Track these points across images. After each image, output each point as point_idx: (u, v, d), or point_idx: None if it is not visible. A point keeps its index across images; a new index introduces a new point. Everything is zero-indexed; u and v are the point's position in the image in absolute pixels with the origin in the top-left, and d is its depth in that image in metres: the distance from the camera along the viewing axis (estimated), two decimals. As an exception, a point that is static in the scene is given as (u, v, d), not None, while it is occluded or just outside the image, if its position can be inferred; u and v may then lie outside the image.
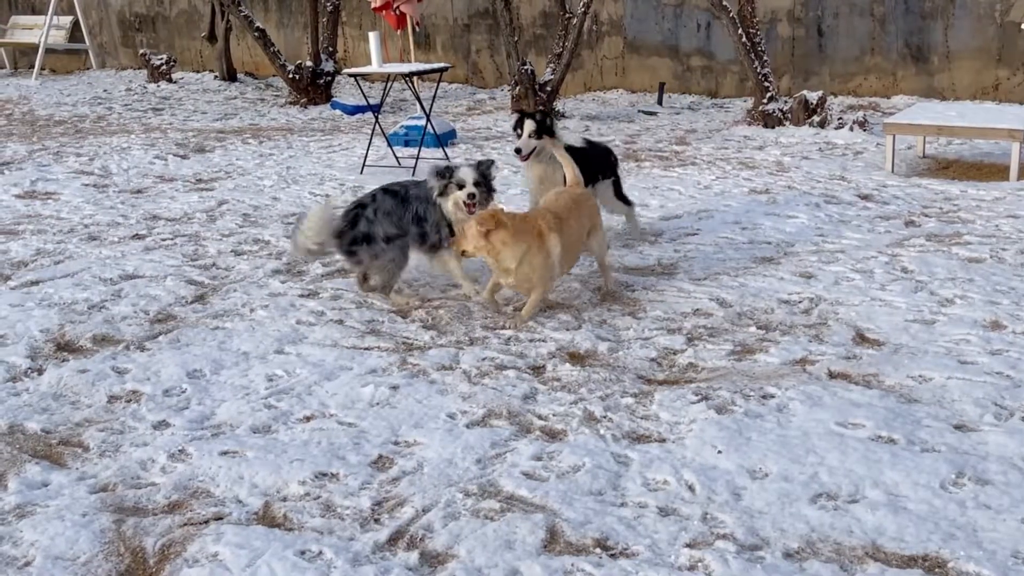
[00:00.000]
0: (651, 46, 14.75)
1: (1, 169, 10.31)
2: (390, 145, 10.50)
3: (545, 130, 6.63)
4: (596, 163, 6.96)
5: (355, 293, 6.20)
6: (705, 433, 4.30)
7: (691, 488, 3.90)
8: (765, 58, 11.82)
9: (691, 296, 6.02)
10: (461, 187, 5.88)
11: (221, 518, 3.78)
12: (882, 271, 6.38)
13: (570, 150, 6.51)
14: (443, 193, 5.93)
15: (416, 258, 6.17)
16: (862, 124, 11.06)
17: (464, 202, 5.85)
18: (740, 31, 11.64)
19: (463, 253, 5.63)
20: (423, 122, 10.57)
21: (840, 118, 11.37)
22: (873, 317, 5.60)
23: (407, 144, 10.83)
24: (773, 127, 11.50)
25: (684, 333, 5.48)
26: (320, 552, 3.54)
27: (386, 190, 6.13)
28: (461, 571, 3.42)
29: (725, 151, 10.56)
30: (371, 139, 10.43)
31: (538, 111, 6.77)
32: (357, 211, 6.00)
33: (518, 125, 6.72)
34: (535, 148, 6.66)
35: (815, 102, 11.38)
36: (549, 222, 5.61)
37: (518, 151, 6.68)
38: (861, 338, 5.33)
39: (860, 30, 13.27)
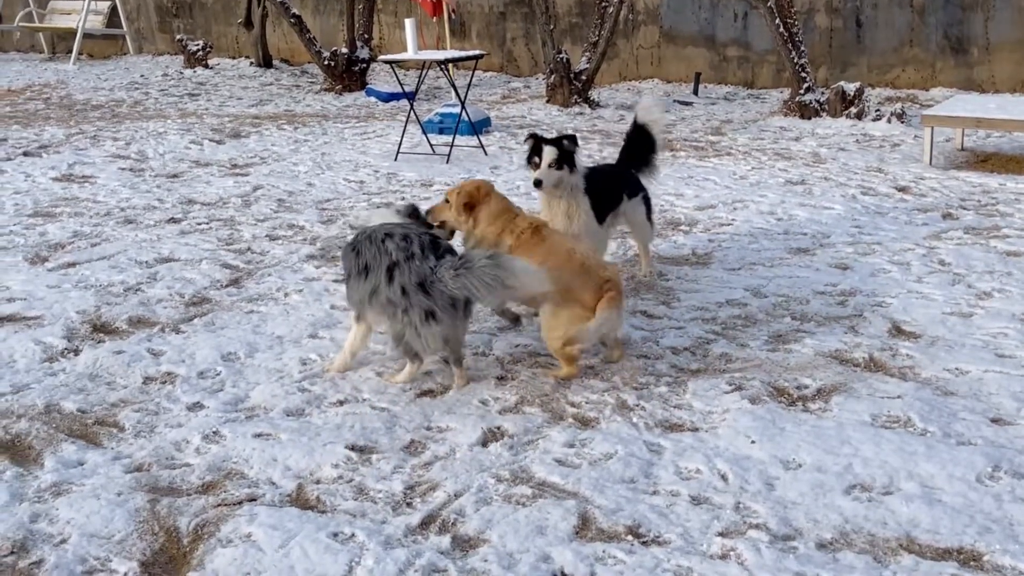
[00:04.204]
0: (687, 36, 14.67)
1: (39, 152, 10.39)
2: (425, 132, 10.50)
3: (567, 159, 5.61)
4: (618, 181, 6.10)
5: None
6: (738, 423, 4.28)
7: (724, 477, 3.89)
8: (802, 48, 11.74)
9: (726, 286, 6.00)
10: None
11: (254, 499, 3.80)
12: (919, 263, 6.32)
13: (592, 172, 5.89)
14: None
15: None
16: (900, 116, 10.96)
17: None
18: (778, 21, 11.56)
19: (441, 224, 5.12)
20: (457, 110, 10.56)
21: (877, 110, 11.28)
22: (910, 309, 5.55)
23: (441, 132, 10.83)
24: (810, 118, 11.42)
25: (718, 323, 5.45)
26: (353, 535, 3.55)
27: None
28: (493, 556, 3.42)
29: (761, 142, 10.50)
30: (406, 126, 10.43)
31: (563, 137, 5.70)
32: None
33: (535, 153, 5.64)
34: (557, 180, 5.62)
35: (852, 93, 11.29)
36: (547, 236, 4.99)
37: (537, 184, 5.59)
38: (897, 330, 5.29)
39: (899, 21, 13.14)
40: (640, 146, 6.31)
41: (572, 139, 5.69)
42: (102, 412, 4.54)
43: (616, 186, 6.06)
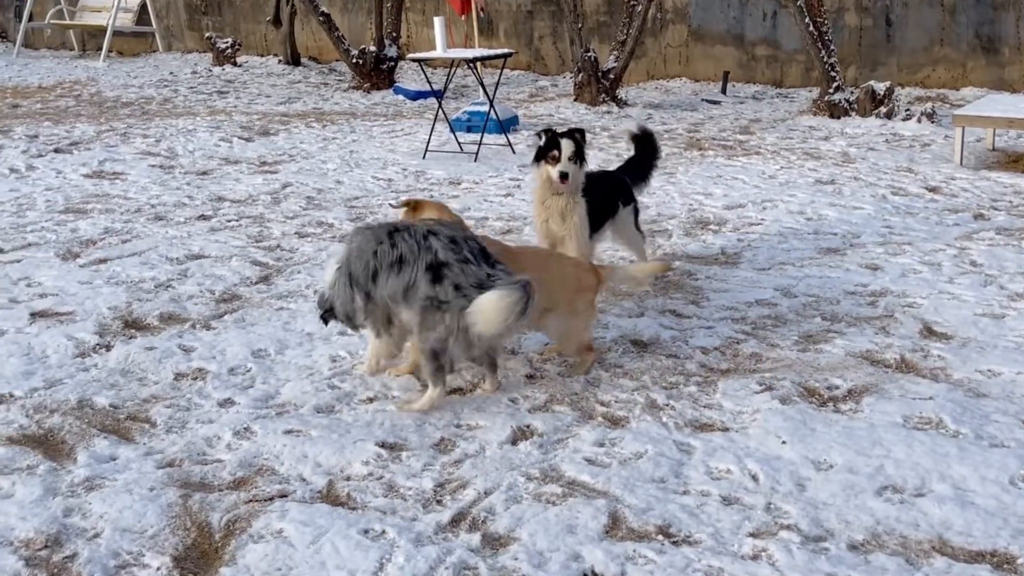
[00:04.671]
0: (716, 34, 14.62)
1: (70, 149, 10.47)
2: (453, 130, 10.51)
3: (581, 155, 5.57)
4: (616, 188, 6.01)
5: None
6: (769, 423, 4.26)
7: (755, 478, 3.87)
8: (832, 47, 11.69)
9: (755, 286, 5.98)
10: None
11: (285, 495, 3.82)
12: (950, 264, 6.29)
13: (588, 176, 5.76)
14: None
15: None
16: (930, 116, 10.90)
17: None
18: (807, 20, 11.52)
19: None
20: (486, 108, 10.57)
21: (907, 109, 11.22)
22: (941, 310, 5.52)
23: (469, 130, 10.84)
24: (839, 117, 11.37)
25: (748, 322, 5.43)
26: (383, 531, 3.56)
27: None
28: (523, 554, 3.42)
29: (790, 141, 10.45)
30: (434, 124, 10.45)
31: (576, 130, 5.63)
32: None
33: (554, 147, 5.51)
34: (576, 173, 5.56)
35: (882, 93, 11.23)
36: (491, 242, 4.76)
37: (564, 177, 5.48)
38: (929, 331, 5.26)
39: (929, 20, 13.06)
40: (645, 155, 6.31)
41: (583, 132, 5.65)
42: (134, 408, 4.58)
43: (615, 194, 5.95)
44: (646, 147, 6.37)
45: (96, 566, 3.39)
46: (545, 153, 5.57)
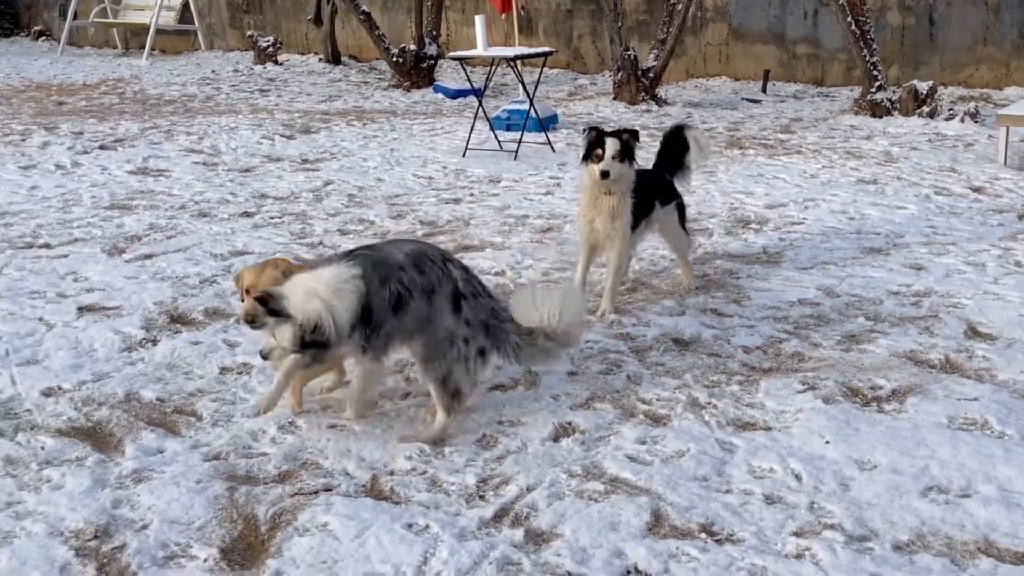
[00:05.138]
0: (756, 33, 14.56)
1: (114, 146, 10.58)
2: (492, 129, 10.53)
3: (629, 154, 5.49)
4: (654, 186, 5.88)
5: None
6: (812, 423, 4.25)
7: (798, 477, 3.87)
8: (874, 46, 11.60)
9: (797, 285, 5.96)
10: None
11: (330, 489, 3.85)
12: (995, 264, 6.23)
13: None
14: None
15: None
16: (973, 115, 10.79)
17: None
18: (849, 19, 11.44)
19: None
20: (525, 106, 10.58)
21: (950, 109, 11.12)
22: (985, 311, 5.48)
23: (509, 128, 10.86)
24: (881, 117, 11.29)
25: (790, 322, 5.42)
26: (427, 526, 3.59)
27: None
28: (566, 550, 3.43)
29: (831, 140, 10.40)
30: (474, 123, 10.47)
31: (624, 130, 5.58)
32: None
33: (598, 145, 5.48)
34: (620, 172, 5.48)
35: (925, 92, 11.14)
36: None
37: (605, 175, 5.43)
38: (973, 332, 5.22)
39: (973, 19, 12.93)
40: (675, 149, 6.14)
41: (634, 133, 5.58)
42: (180, 401, 4.63)
43: (650, 191, 5.84)
44: (674, 142, 6.24)
45: (145, 557, 3.43)
46: (590, 152, 5.55)
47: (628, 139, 5.50)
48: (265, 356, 4.14)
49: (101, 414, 4.47)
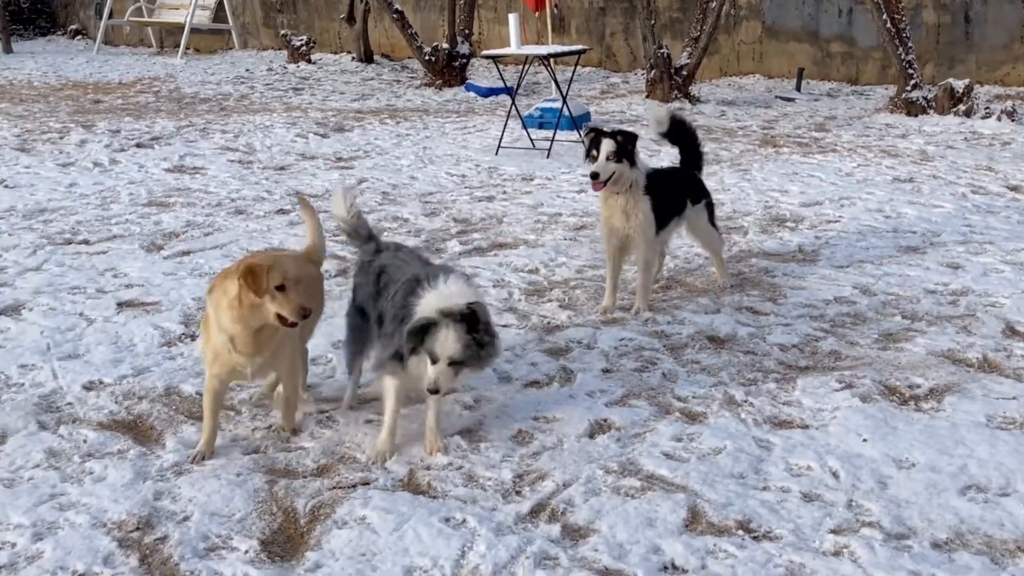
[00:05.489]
0: (790, 31, 14.51)
1: (151, 144, 10.67)
2: (525, 127, 10.55)
3: (626, 154, 5.48)
4: (683, 185, 5.92)
5: (492, 271, 6.27)
6: (849, 421, 4.24)
7: (835, 475, 3.86)
8: (910, 45, 11.54)
9: (834, 283, 5.94)
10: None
11: (368, 483, 3.88)
12: (1033, 264, 6.19)
13: (654, 173, 5.70)
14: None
15: None
16: (1010, 114, 10.72)
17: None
18: (885, 17, 11.39)
19: None
20: (558, 104, 10.59)
21: (987, 107, 11.05)
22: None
23: (541, 126, 10.87)
24: (916, 115, 11.23)
25: (827, 320, 5.40)
26: (464, 520, 3.60)
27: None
28: (603, 546, 3.44)
29: (866, 139, 10.34)
30: (507, 121, 10.49)
31: (620, 131, 5.59)
32: None
33: (593, 146, 5.51)
34: (614, 174, 5.47)
35: (961, 91, 11.07)
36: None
37: (595, 176, 5.45)
38: (1011, 331, 5.19)
39: (1010, 17, 12.82)
40: (687, 144, 6.11)
41: (629, 135, 5.55)
42: (219, 396, 4.66)
43: (680, 191, 5.84)
44: (682, 136, 6.17)
45: (187, 548, 3.47)
46: (588, 152, 5.57)
47: (623, 140, 5.48)
48: (435, 391, 3.96)
49: (142, 408, 4.52)
